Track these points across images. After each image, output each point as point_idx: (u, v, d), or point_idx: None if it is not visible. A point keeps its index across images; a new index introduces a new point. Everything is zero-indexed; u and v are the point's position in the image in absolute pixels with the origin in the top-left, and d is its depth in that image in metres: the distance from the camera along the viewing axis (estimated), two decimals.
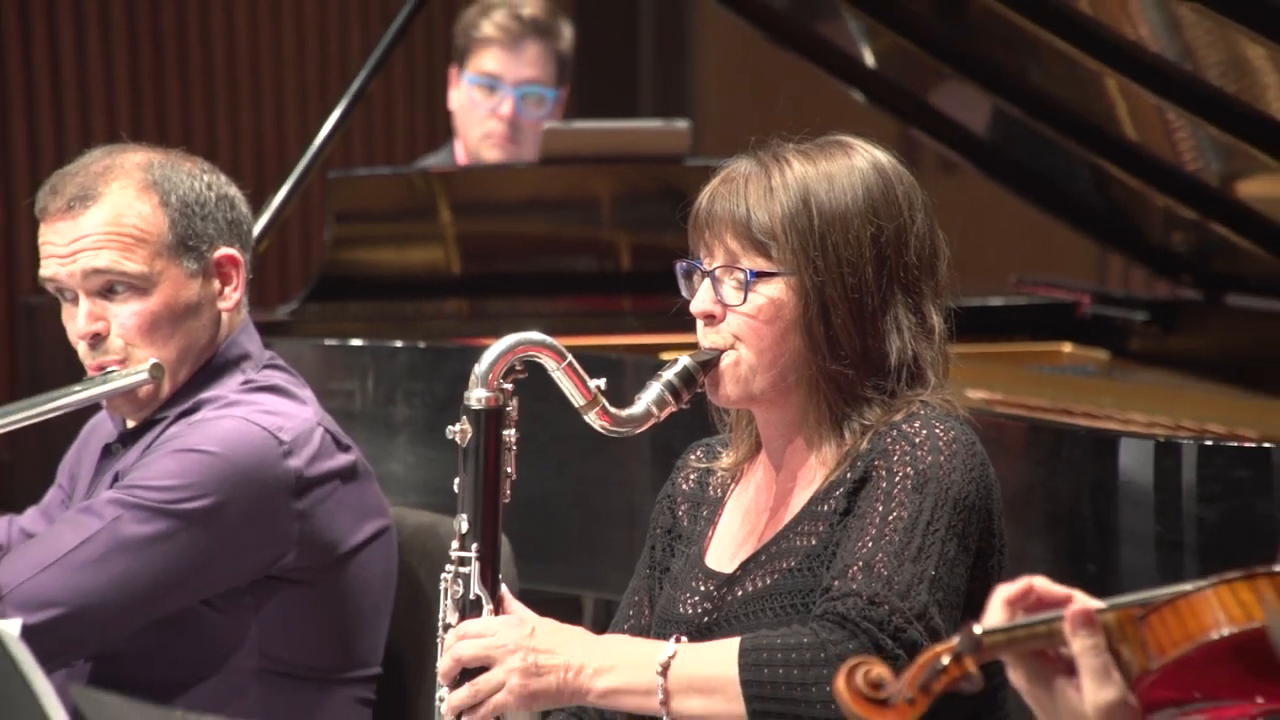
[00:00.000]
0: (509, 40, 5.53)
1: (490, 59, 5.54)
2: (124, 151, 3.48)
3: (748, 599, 2.92)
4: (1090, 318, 5.48)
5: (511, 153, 5.56)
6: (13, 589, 3.25)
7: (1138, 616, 2.08)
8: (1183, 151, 4.87)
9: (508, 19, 5.55)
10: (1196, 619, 2.06)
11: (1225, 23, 4.05)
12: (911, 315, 2.91)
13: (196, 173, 3.47)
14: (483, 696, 2.79)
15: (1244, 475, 3.75)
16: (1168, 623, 2.08)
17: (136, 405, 3.43)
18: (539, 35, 5.56)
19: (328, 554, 3.40)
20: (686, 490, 3.12)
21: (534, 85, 5.56)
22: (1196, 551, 3.76)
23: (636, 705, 2.83)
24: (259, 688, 3.39)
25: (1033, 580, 2.18)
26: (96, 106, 9.21)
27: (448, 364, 4.75)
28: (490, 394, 2.91)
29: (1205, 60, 4.36)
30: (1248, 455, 3.80)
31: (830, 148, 2.92)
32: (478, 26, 5.56)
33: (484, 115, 5.57)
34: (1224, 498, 3.75)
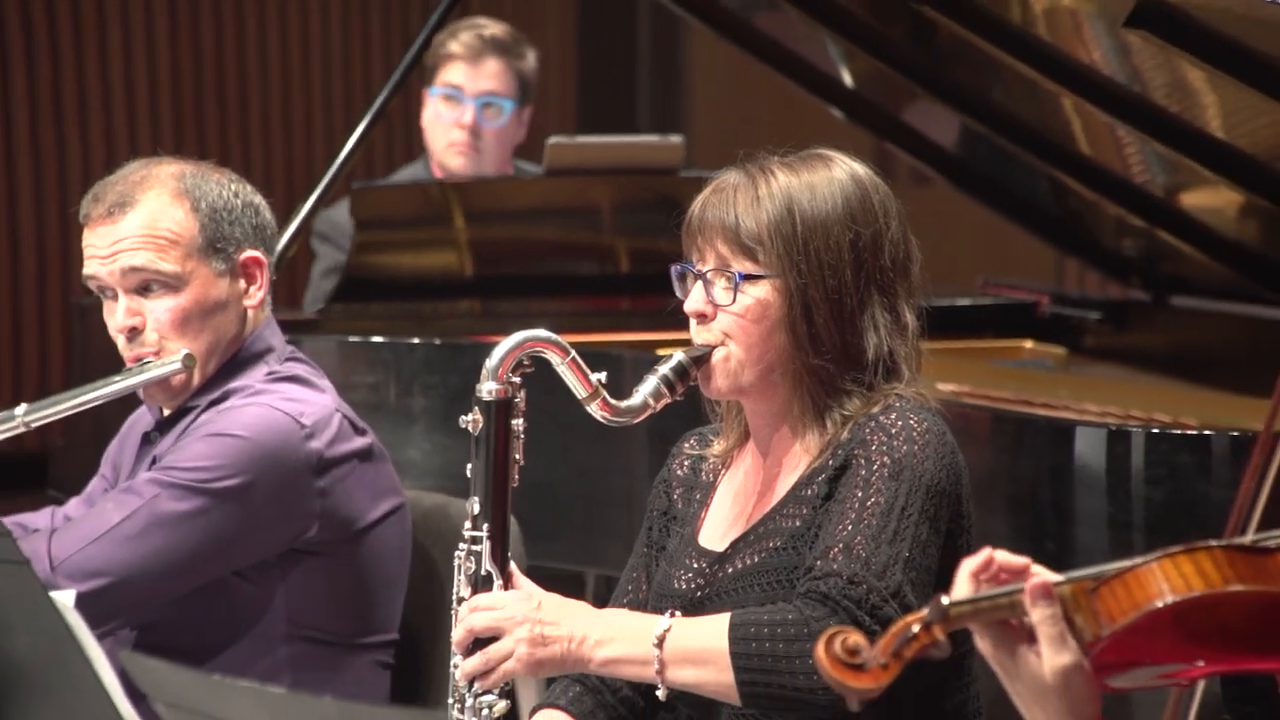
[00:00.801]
0: (470, 55, 5.50)
1: (454, 72, 5.51)
2: (159, 163, 3.48)
3: (737, 575, 2.91)
4: (1049, 317, 5.47)
5: (473, 159, 5.53)
6: (63, 561, 3.26)
7: (1090, 589, 2.10)
8: (1132, 165, 4.87)
9: (471, 38, 5.53)
10: (1143, 590, 2.08)
11: (1169, 49, 4.05)
12: (887, 314, 2.90)
13: (225, 182, 3.48)
14: (494, 664, 2.79)
15: (1187, 460, 3.77)
16: (1117, 594, 2.09)
17: (170, 394, 3.44)
18: (499, 52, 5.53)
19: (346, 528, 3.40)
20: (681, 475, 3.11)
21: (493, 96, 5.51)
22: (1144, 529, 3.78)
23: (634, 674, 2.84)
24: (288, 651, 3.39)
25: (993, 552, 2.20)
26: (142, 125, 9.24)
27: (461, 359, 4.75)
28: (500, 386, 2.91)
29: (1151, 83, 4.38)
30: (1190, 442, 3.81)
31: (812, 160, 2.92)
32: (444, 45, 5.54)
33: (449, 125, 5.53)
34: (1169, 480, 3.77)
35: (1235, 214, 4.81)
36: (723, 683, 2.77)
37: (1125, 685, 2.21)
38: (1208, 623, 2.09)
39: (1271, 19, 3.85)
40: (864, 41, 4.96)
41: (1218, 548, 2.09)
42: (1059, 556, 3.78)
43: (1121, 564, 2.11)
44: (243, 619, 3.39)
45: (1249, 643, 2.13)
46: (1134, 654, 2.13)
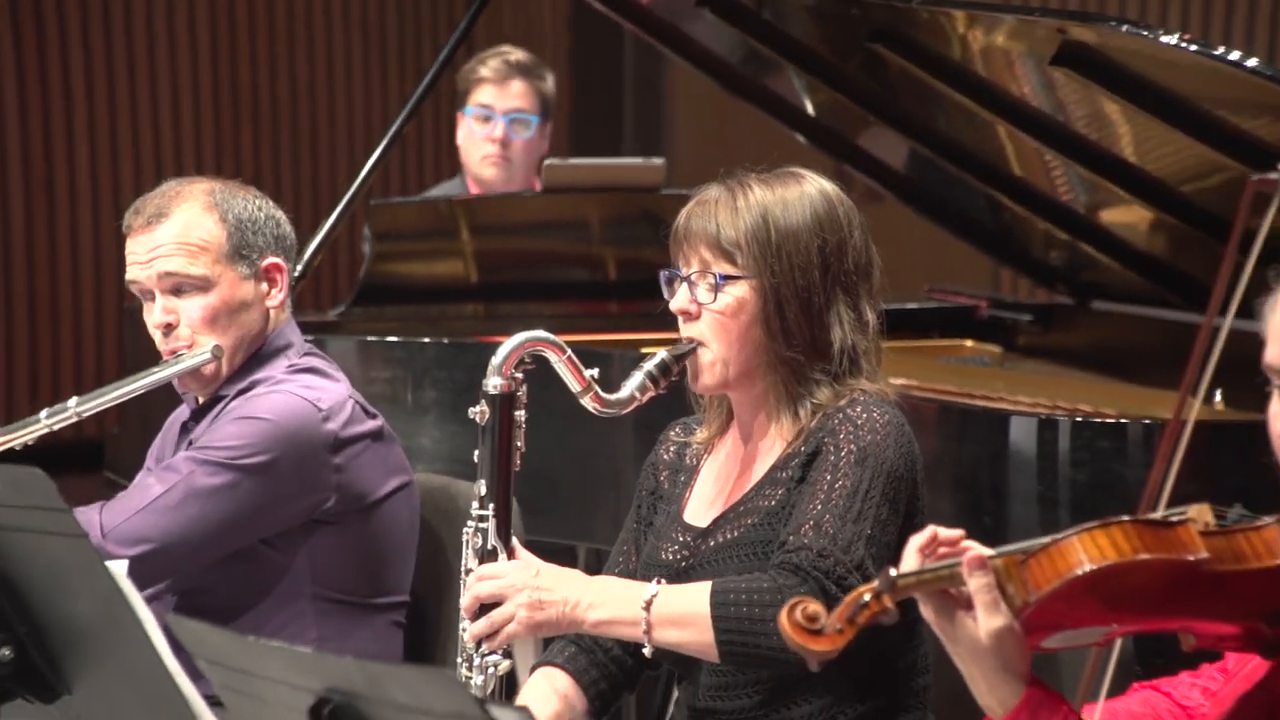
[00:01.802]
0: (498, 78, 5.51)
1: (485, 94, 5.52)
2: (193, 181, 3.50)
3: (718, 548, 2.92)
4: (986, 319, 5.43)
5: (504, 169, 5.54)
6: (112, 529, 3.28)
7: (1019, 561, 2.12)
8: (1058, 185, 4.86)
9: (498, 63, 5.54)
10: (1064, 560, 2.10)
11: (1089, 85, 4.09)
12: (850, 311, 2.90)
13: (250, 197, 3.49)
14: (497, 626, 2.81)
15: (1106, 445, 3.78)
16: (1042, 565, 2.11)
17: (202, 382, 3.45)
18: (523, 74, 5.53)
19: (360, 501, 3.41)
20: (667, 459, 3.11)
21: (520, 113, 5.52)
22: (1070, 507, 3.78)
23: (623, 633, 2.84)
24: (312, 609, 3.41)
25: (935, 529, 2.22)
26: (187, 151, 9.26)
27: (467, 356, 4.74)
28: (504, 381, 2.93)
29: (1074, 114, 4.38)
30: (1109, 429, 3.81)
31: (786, 177, 2.93)
32: (475, 71, 5.57)
33: (481, 140, 5.54)
34: (1091, 463, 3.78)
35: (1146, 229, 4.80)
36: (704, 642, 2.78)
37: (1053, 646, 2.22)
38: (1121, 588, 2.11)
39: (1175, 60, 3.87)
40: (824, 75, 4.93)
41: (1129, 522, 2.11)
42: (995, 531, 3.80)
43: (1047, 539, 2.12)
44: (271, 581, 3.40)
45: (1156, 605, 2.15)
46: (1058, 618, 2.15)
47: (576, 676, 2.99)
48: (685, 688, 2.97)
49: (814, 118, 5.24)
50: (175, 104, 9.31)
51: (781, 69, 5.05)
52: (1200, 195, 4.39)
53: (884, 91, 4.88)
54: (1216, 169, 4.15)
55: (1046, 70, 4.15)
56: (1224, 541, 2.12)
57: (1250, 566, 2.12)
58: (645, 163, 5.80)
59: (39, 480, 2.58)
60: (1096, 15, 7.55)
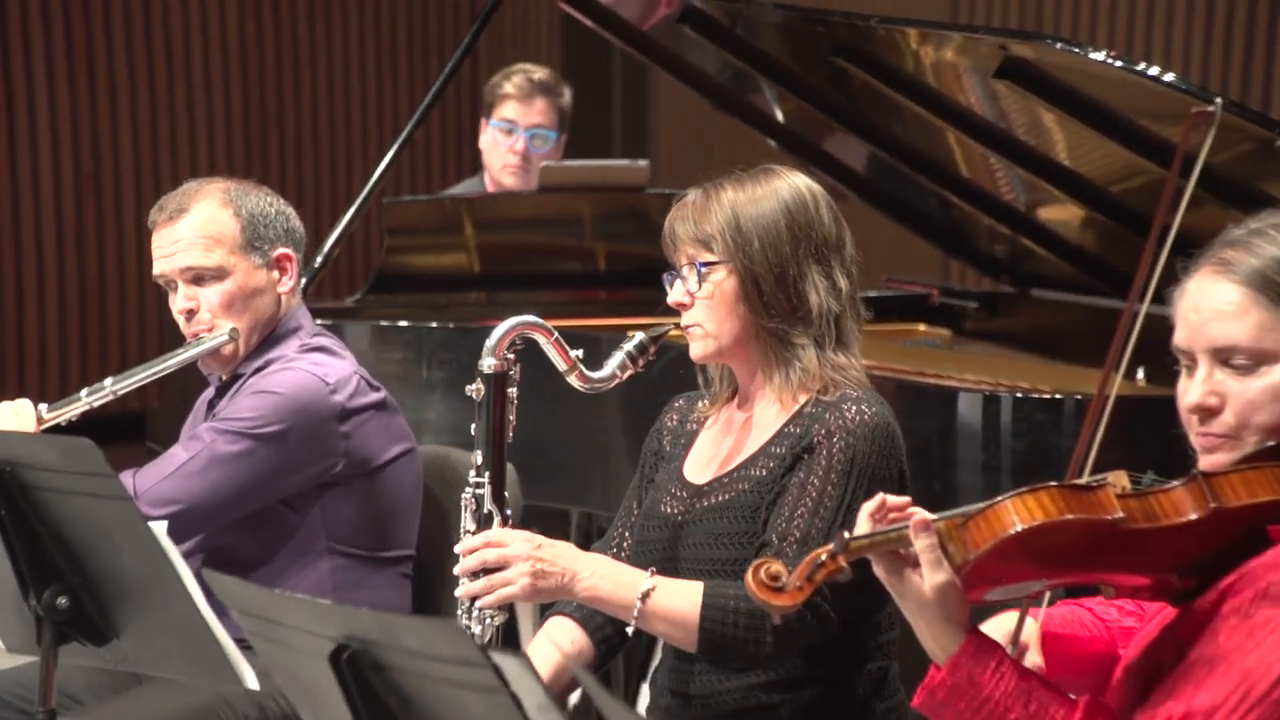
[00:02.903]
0: (522, 95, 5.45)
1: (509, 109, 5.46)
2: (210, 181, 3.51)
3: (711, 507, 2.90)
4: (937, 305, 5.43)
5: (523, 178, 5.47)
6: (144, 492, 3.30)
7: (960, 523, 2.15)
8: (1001, 186, 4.86)
9: (523, 80, 5.48)
10: (999, 521, 2.12)
11: (1028, 96, 4.10)
12: (824, 279, 2.87)
13: (261, 195, 3.50)
14: (495, 589, 2.79)
15: (1043, 418, 3.79)
16: (980, 526, 2.14)
17: (222, 362, 3.46)
18: (545, 93, 5.48)
19: (366, 465, 3.42)
20: (671, 426, 3.09)
21: (540, 129, 5.46)
22: (1010, 473, 3.79)
23: (612, 611, 2.83)
24: (328, 563, 3.42)
25: (884, 496, 2.24)
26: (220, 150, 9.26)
27: (470, 339, 4.69)
28: (498, 361, 2.93)
29: (1015, 121, 4.40)
30: (1045, 404, 3.82)
31: (759, 173, 2.92)
32: (501, 86, 5.50)
33: (504, 151, 5.48)
34: (1029, 434, 3.79)
35: (1078, 225, 4.80)
36: (686, 641, 2.79)
37: (991, 599, 2.24)
38: (1049, 546, 2.13)
39: (1103, 74, 3.88)
40: (792, 86, 4.93)
41: (1055, 486, 2.13)
42: (944, 495, 3.80)
43: (983, 504, 2.14)
44: (290, 538, 3.42)
45: (1080, 560, 2.17)
46: (995, 573, 2.16)
47: (584, 624, 2.98)
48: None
49: (783, 124, 5.23)
50: (209, 110, 9.31)
51: (754, 80, 5.04)
52: (1125, 195, 4.40)
53: (846, 101, 4.88)
54: (1139, 171, 4.17)
55: (990, 83, 4.16)
56: (1138, 503, 2.14)
57: (1160, 525, 2.14)
58: (632, 164, 5.81)
59: (89, 450, 2.60)
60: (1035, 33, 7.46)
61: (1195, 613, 2.18)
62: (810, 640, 2.78)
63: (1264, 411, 2.19)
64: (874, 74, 4.53)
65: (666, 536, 2.94)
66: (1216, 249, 2.23)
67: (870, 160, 5.23)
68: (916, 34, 4.33)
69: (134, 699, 3.31)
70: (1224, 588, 2.15)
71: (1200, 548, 2.16)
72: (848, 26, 4.48)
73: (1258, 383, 2.19)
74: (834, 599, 2.70)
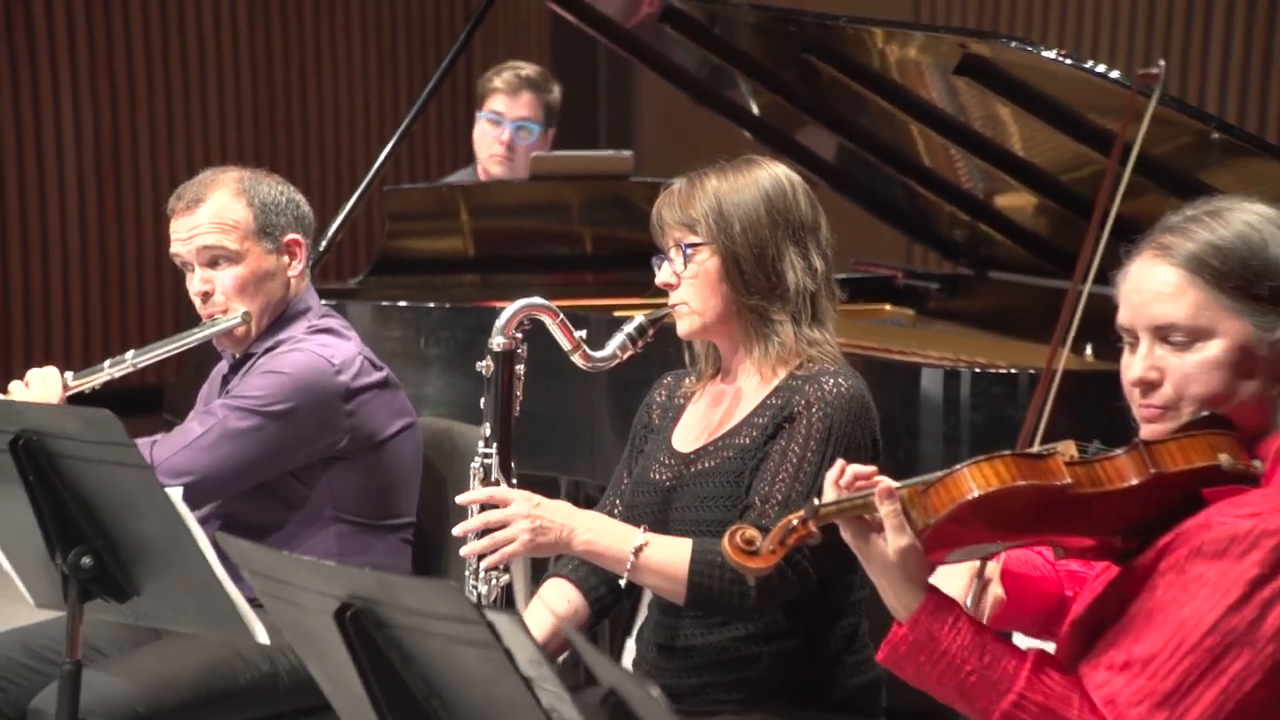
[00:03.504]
0: (509, 90, 5.42)
1: (497, 102, 5.43)
2: (225, 170, 3.52)
3: (699, 474, 2.91)
4: (902, 286, 5.42)
5: (508, 167, 5.45)
6: (160, 463, 3.30)
7: (921, 490, 2.16)
8: (960, 175, 4.86)
9: (511, 76, 5.45)
10: (957, 488, 2.14)
11: (985, 91, 4.11)
12: (801, 260, 2.89)
13: (273, 183, 3.50)
14: (498, 546, 2.80)
15: (1000, 391, 3.78)
16: (939, 493, 2.15)
17: (234, 341, 3.47)
18: (531, 88, 5.45)
19: (369, 440, 3.42)
20: (660, 400, 3.11)
21: (525, 121, 5.43)
22: (969, 443, 3.77)
23: (606, 564, 2.84)
24: (334, 530, 3.43)
25: (844, 463, 2.25)
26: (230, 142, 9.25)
27: (465, 318, 4.73)
28: (506, 340, 2.94)
29: (973, 115, 4.39)
30: (1002, 378, 3.80)
31: (741, 163, 2.94)
32: (491, 80, 5.48)
33: (491, 141, 5.46)
34: (987, 406, 3.78)
35: (1032, 212, 4.80)
36: (675, 593, 2.80)
37: (950, 560, 2.27)
38: (1003, 510, 2.14)
39: (1054, 71, 3.89)
40: (766, 82, 4.92)
41: (1009, 455, 2.14)
42: (908, 463, 3.78)
43: (942, 472, 2.15)
44: (299, 508, 3.42)
45: (1031, 524, 2.19)
46: (953, 537, 2.18)
47: (580, 584, 2.98)
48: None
49: (758, 117, 5.21)
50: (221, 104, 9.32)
51: (731, 76, 5.02)
52: (1075, 183, 4.40)
53: (817, 95, 4.87)
54: (1087, 161, 4.18)
55: (950, 79, 4.17)
56: (1084, 470, 2.16)
57: (1105, 490, 2.16)
58: (617, 154, 5.78)
59: (109, 421, 2.61)
60: (991, 33, 7.47)
61: (1135, 570, 2.20)
62: (790, 595, 2.79)
63: (1199, 384, 2.21)
64: (842, 70, 4.53)
65: (656, 501, 2.95)
66: (1156, 234, 2.25)
67: (839, 151, 5.21)
68: (882, 33, 4.33)
69: (154, 651, 3.32)
70: (1162, 546, 2.17)
71: (1141, 510, 2.18)
72: (818, 26, 4.48)
73: (1194, 358, 2.21)
74: (812, 558, 2.72)
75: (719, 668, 2.88)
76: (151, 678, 3.21)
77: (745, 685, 2.87)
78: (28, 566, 2.88)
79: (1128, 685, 2.10)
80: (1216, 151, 3.78)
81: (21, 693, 3.29)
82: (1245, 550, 2.09)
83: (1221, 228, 2.22)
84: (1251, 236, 2.21)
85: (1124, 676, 2.11)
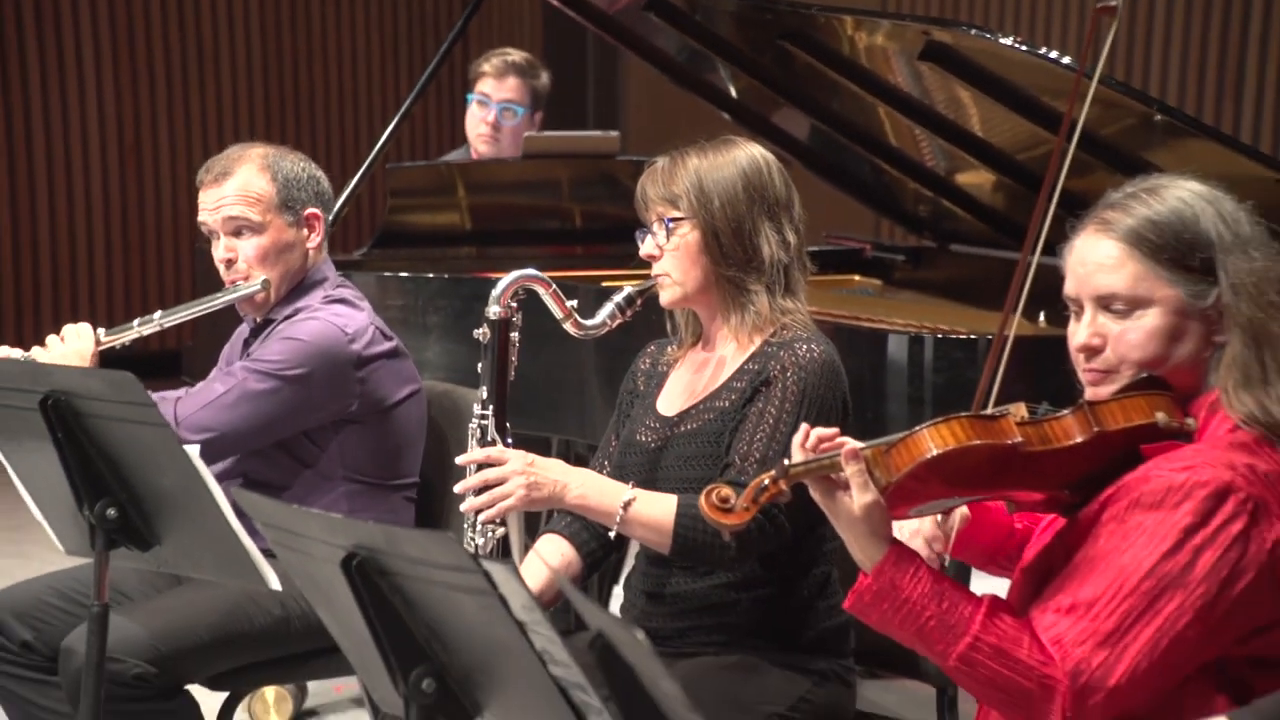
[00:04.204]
0: (496, 74, 5.39)
1: (485, 85, 5.39)
2: (251, 146, 3.52)
3: (682, 435, 2.92)
4: (870, 258, 5.42)
5: (494, 147, 5.41)
6: (184, 419, 3.32)
7: (884, 450, 2.17)
8: (924, 154, 4.86)
9: (499, 61, 5.41)
10: (917, 448, 2.15)
11: (947, 76, 4.12)
12: (775, 234, 2.88)
13: (296, 160, 3.51)
14: (496, 500, 2.80)
15: (960, 355, 3.78)
16: (900, 453, 2.16)
17: (255, 307, 3.48)
18: (517, 72, 5.41)
19: (379, 405, 3.43)
20: (644, 368, 3.11)
21: (510, 103, 5.39)
22: (932, 404, 3.78)
23: (596, 517, 2.85)
24: (344, 488, 3.45)
25: (811, 429, 2.25)
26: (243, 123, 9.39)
27: (462, 289, 4.73)
28: (502, 309, 2.93)
29: (936, 98, 4.41)
30: (961, 343, 3.81)
31: (720, 143, 2.93)
32: (480, 65, 5.45)
33: (478, 121, 5.42)
34: (948, 369, 3.77)
35: (990, 189, 4.80)
36: (661, 544, 2.80)
37: (911, 515, 2.28)
38: (959, 468, 2.15)
39: (1010, 57, 3.90)
40: (744, 66, 4.92)
41: (964, 416, 2.16)
42: (875, 423, 3.77)
43: (903, 433, 2.17)
44: (311, 466, 3.44)
45: (985, 480, 2.20)
46: (914, 493, 2.19)
47: (573, 539, 2.98)
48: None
49: (736, 100, 5.21)
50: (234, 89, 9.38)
51: (710, 61, 5.02)
52: (1030, 162, 4.41)
53: (791, 80, 4.87)
54: (1041, 141, 4.19)
55: (915, 64, 4.18)
56: (1034, 429, 2.17)
57: (1053, 447, 2.17)
58: (604, 135, 5.79)
59: (131, 382, 2.62)
60: (953, 21, 7.49)
61: (1081, 521, 2.22)
62: (767, 547, 2.80)
63: (1138, 349, 2.23)
64: (815, 56, 4.54)
65: (644, 461, 2.95)
66: (1098, 210, 2.27)
67: (812, 132, 5.21)
68: (852, 21, 4.34)
69: (175, 596, 3.33)
70: (1104, 499, 2.19)
71: (1086, 466, 2.19)
72: (792, 15, 4.47)
73: (1133, 325, 2.23)
74: (788, 513, 2.74)
75: (701, 613, 2.89)
76: (173, 620, 3.22)
77: (725, 629, 2.88)
78: (57, 517, 2.89)
79: (1073, 626, 2.12)
80: (1159, 132, 3.79)
81: (54, 632, 3.30)
82: (1179, 501, 2.11)
83: (1158, 204, 2.23)
84: (1185, 212, 2.22)
85: (1070, 619, 2.13)
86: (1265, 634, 2.14)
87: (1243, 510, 2.10)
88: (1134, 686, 2.09)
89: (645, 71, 5.46)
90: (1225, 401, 2.20)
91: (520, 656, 1.92)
